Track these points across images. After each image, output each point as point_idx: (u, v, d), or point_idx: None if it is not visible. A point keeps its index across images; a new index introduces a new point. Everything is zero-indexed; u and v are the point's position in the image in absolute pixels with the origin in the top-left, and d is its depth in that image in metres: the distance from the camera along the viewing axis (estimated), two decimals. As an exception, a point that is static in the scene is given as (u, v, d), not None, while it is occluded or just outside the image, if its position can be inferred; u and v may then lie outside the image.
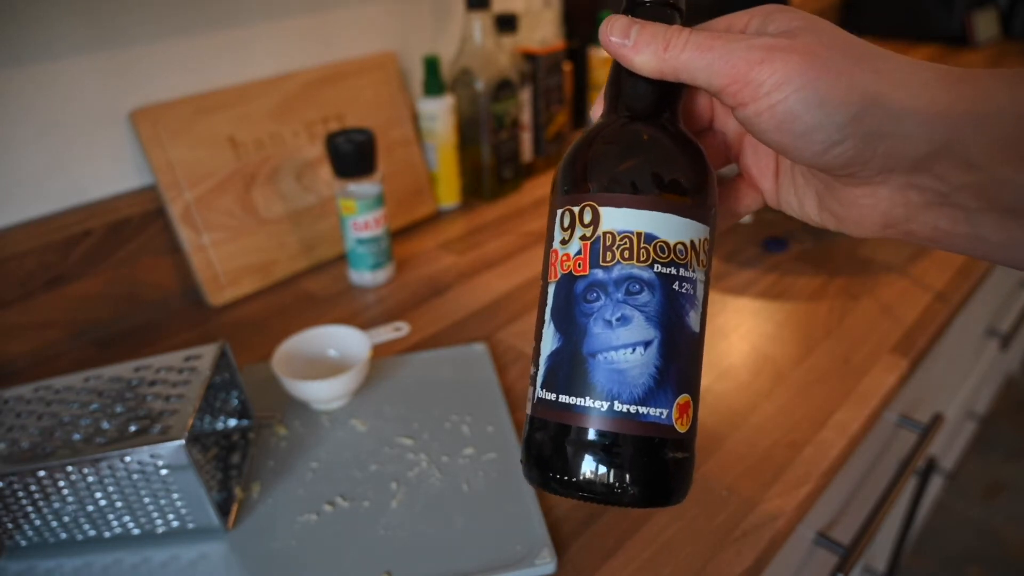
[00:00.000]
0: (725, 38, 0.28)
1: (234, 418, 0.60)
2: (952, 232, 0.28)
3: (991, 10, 1.72)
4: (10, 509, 0.48)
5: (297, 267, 0.84)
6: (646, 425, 0.28)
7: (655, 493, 0.29)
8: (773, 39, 0.27)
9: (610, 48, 0.30)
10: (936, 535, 1.63)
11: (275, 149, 0.82)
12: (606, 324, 0.29)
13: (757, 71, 0.27)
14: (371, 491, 0.53)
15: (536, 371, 0.31)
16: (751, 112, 0.28)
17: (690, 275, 0.30)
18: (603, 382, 0.28)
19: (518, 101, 0.97)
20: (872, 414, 0.60)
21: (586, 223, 0.30)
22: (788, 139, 0.28)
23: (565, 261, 0.30)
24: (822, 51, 0.27)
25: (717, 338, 0.70)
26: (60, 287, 0.70)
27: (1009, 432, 1.89)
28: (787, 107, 0.27)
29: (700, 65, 0.28)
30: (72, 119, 0.70)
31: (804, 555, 0.72)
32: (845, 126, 0.26)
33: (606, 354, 0.28)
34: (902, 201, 0.28)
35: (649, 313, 0.29)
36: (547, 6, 1.13)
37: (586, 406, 0.28)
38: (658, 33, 0.29)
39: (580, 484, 0.29)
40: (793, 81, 0.26)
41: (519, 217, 0.96)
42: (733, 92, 0.28)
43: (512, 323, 0.73)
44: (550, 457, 0.29)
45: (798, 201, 0.34)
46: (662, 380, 0.29)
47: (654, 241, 0.29)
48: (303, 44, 0.86)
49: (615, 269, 0.29)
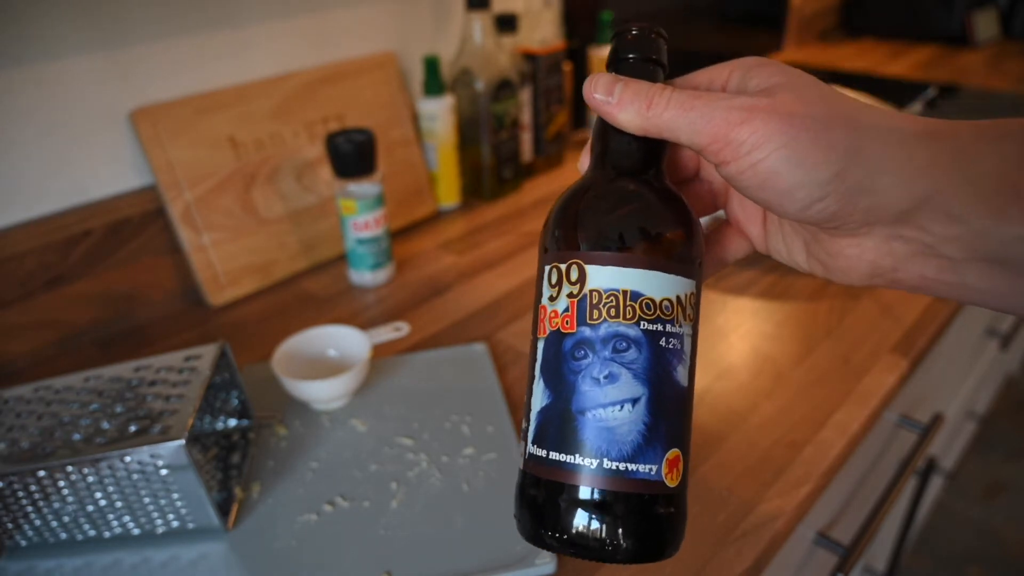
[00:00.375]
0: (706, 97, 0.28)
1: (234, 418, 0.60)
2: (939, 280, 0.28)
3: (991, 10, 1.72)
4: (10, 509, 0.48)
5: (297, 267, 0.84)
6: (636, 482, 0.29)
7: (647, 548, 0.29)
8: (753, 99, 0.28)
9: (594, 105, 0.31)
10: (936, 535, 1.63)
11: (275, 149, 0.82)
12: (594, 382, 0.29)
13: (737, 131, 0.27)
14: (371, 491, 0.53)
15: (527, 426, 0.31)
16: (733, 170, 0.28)
17: (677, 330, 0.30)
18: (592, 440, 0.29)
19: (518, 101, 0.97)
20: (872, 414, 0.60)
21: (573, 281, 0.30)
22: (771, 196, 0.28)
23: (553, 318, 0.30)
24: (800, 109, 0.27)
25: (717, 338, 0.70)
26: (60, 287, 0.70)
27: (1009, 432, 1.89)
28: (768, 166, 0.27)
29: (682, 124, 0.29)
30: (72, 119, 0.70)
31: (804, 555, 0.72)
32: (826, 184, 0.27)
33: (595, 411, 0.29)
34: (887, 251, 0.29)
35: (636, 370, 0.29)
36: (547, 6, 1.13)
37: (576, 463, 0.29)
38: (641, 91, 0.30)
39: (572, 541, 0.29)
40: (773, 141, 0.27)
41: (519, 217, 0.96)
42: (715, 151, 0.28)
43: (512, 323, 0.73)
44: (542, 513, 0.30)
45: (786, 249, 0.34)
46: (651, 436, 0.29)
47: (640, 299, 0.29)
48: (303, 44, 0.86)
49: (602, 327, 0.29)
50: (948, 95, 1.34)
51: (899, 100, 1.15)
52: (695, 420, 0.59)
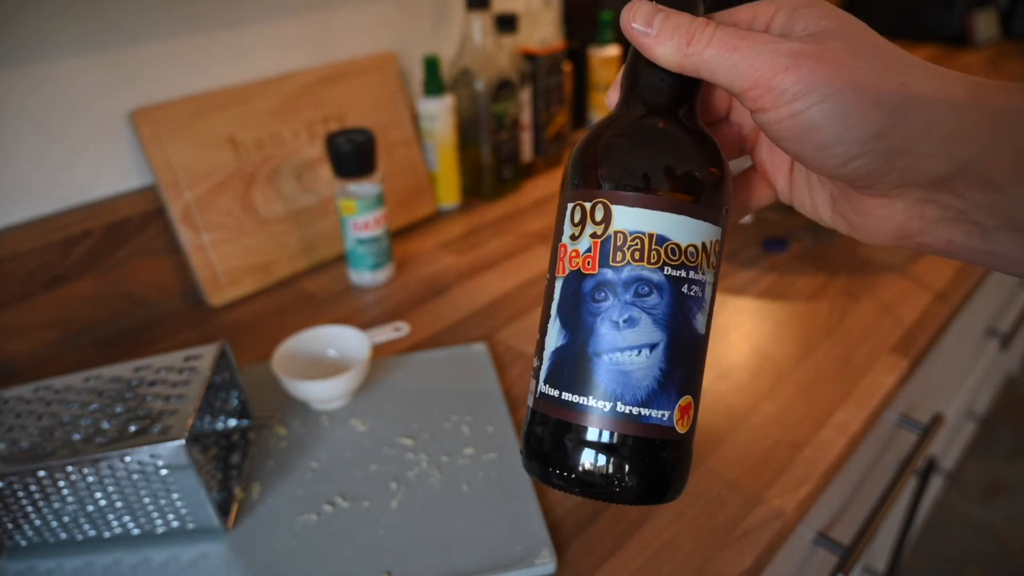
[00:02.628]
0: (751, 38, 0.27)
1: (234, 418, 0.60)
2: (966, 246, 0.27)
3: (991, 10, 1.72)
4: (10, 509, 0.48)
5: (297, 267, 0.84)
6: (647, 427, 0.28)
7: (652, 491, 0.29)
8: (801, 44, 0.26)
9: (631, 35, 0.29)
10: (936, 535, 1.63)
11: (275, 149, 0.82)
12: (613, 325, 0.28)
13: (781, 78, 0.26)
14: (371, 491, 0.53)
15: (540, 365, 0.31)
16: (771, 118, 0.27)
17: (700, 278, 0.29)
18: (607, 383, 0.28)
19: (518, 101, 0.97)
20: (872, 414, 0.60)
21: (597, 220, 0.29)
22: (807, 149, 0.27)
23: (574, 258, 0.30)
24: (849, 60, 0.26)
25: (717, 338, 0.70)
26: (60, 287, 0.70)
27: (1009, 432, 1.89)
28: (808, 117, 0.26)
29: (723, 65, 0.27)
30: (72, 119, 0.70)
31: (804, 555, 0.72)
32: (866, 141, 0.26)
33: (611, 355, 0.28)
34: (918, 215, 0.28)
35: (657, 316, 0.29)
36: (547, 6, 1.13)
37: (589, 405, 0.29)
38: (682, 25, 0.28)
39: (579, 480, 0.29)
40: (818, 91, 0.26)
41: (519, 217, 0.96)
42: (755, 96, 0.27)
43: (512, 323, 0.73)
44: (550, 451, 0.30)
45: (811, 202, 0.33)
46: (666, 383, 0.29)
47: (666, 243, 0.29)
48: (303, 44, 0.86)
49: (625, 270, 0.28)
50: (948, 95, 1.33)
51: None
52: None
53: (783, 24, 0.28)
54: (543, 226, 0.93)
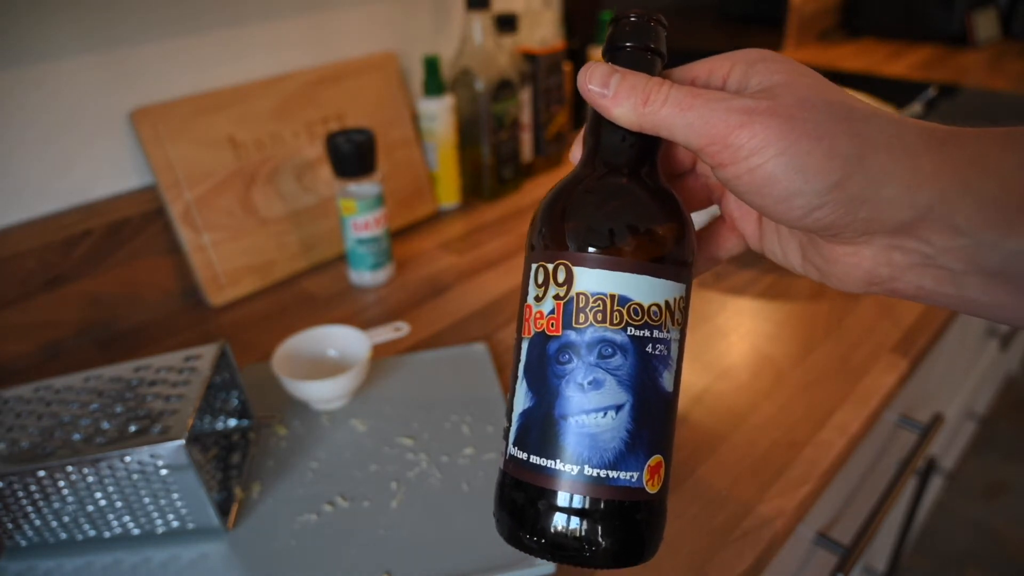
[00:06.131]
0: (705, 96, 0.27)
1: (234, 418, 0.60)
2: (937, 291, 0.28)
3: (991, 10, 1.72)
4: (10, 509, 0.48)
5: (297, 267, 0.84)
6: (616, 489, 0.28)
7: (626, 553, 0.29)
8: (753, 101, 0.27)
9: (588, 96, 0.30)
10: (936, 535, 1.63)
11: (275, 149, 0.82)
12: (578, 387, 0.28)
13: (736, 135, 0.26)
14: (371, 491, 0.53)
15: (509, 427, 0.31)
16: (730, 173, 0.27)
17: (664, 336, 0.29)
18: (574, 446, 0.28)
19: (518, 101, 0.97)
20: (872, 414, 0.60)
21: (560, 282, 0.29)
22: (768, 202, 0.27)
23: (539, 319, 0.29)
24: (802, 114, 0.26)
25: (717, 338, 0.70)
26: (60, 287, 0.70)
27: (1009, 432, 1.89)
28: (766, 172, 0.26)
29: (679, 123, 0.28)
30: (72, 119, 0.70)
31: (804, 555, 0.72)
32: (825, 192, 0.26)
33: (578, 417, 0.28)
34: (886, 261, 0.28)
35: (621, 377, 0.28)
36: (547, 6, 1.13)
37: (557, 469, 0.28)
38: (638, 85, 0.29)
39: (550, 544, 0.29)
40: (773, 146, 0.26)
41: (519, 217, 0.96)
42: (712, 153, 0.27)
43: (512, 323, 0.73)
44: (521, 515, 0.29)
45: (781, 251, 0.33)
46: (633, 444, 0.28)
47: (628, 303, 0.28)
48: (303, 44, 0.86)
49: (588, 332, 0.28)
50: (948, 95, 1.34)
51: (899, 100, 1.15)
52: (694, 420, 0.59)
53: (739, 79, 0.29)
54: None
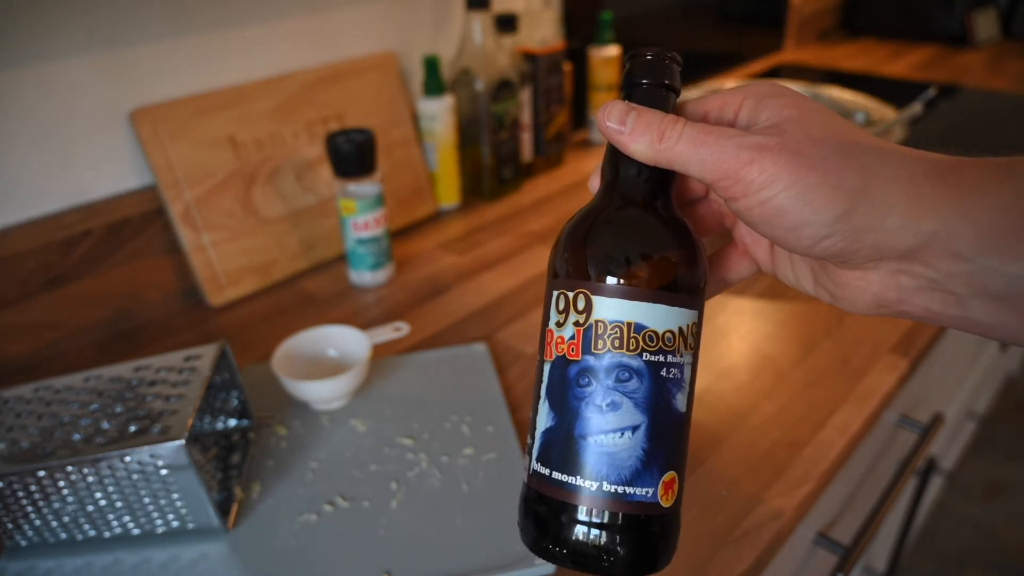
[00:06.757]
0: (716, 133, 0.29)
1: (234, 418, 0.60)
2: (944, 313, 0.29)
3: (991, 10, 1.72)
4: (10, 509, 0.48)
5: (297, 267, 0.84)
6: (633, 504, 0.30)
7: (642, 563, 0.31)
8: (764, 137, 0.28)
9: (607, 133, 0.31)
10: (936, 535, 1.63)
11: (275, 149, 0.82)
12: (597, 409, 0.30)
13: (747, 170, 0.28)
14: (371, 491, 0.53)
15: (532, 443, 0.33)
16: (742, 206, 0.29)
17: (678, 360, 0.31)
18: (593, 463, 0.30)
19: (518, 101, 0.97)
20: (872, 414, 0.60)
21: (579, 310, 0.31)
22: (779, 232, 0.29)
23: (560, 344, 0.31)
24: (809, 148, 0.28)
25: (717, 338, 0.70)
26: (60, 287, 0.70)
27: (1009, 432, 1.89)
28: (776, 204, 0.28)
29: (693, 159, 0.29)
30: (72, 119, 0.70)
31: (804, 555, 0.72)
32: (832, 223, 0.27)
33: (596, 437, 0.30)
34: (893, 285, 0.29)
35: (637, 399, 0.30)
36: (547, 6, 1.13)
37: (577, 484, 0.30)
38: (653, 122, 0.30)
39: (572, 554, 0.31)
40: (782, 180, 0.27)
41: (519, 217, 0.96)
42: (725, 187, 0.29)
43: (512, 323, 0.73)
44: (545, 526, 0.31)
45: (793, 275, 0.35)
46: (649, 462, 0.30)
47: (643, 331, 0.30)
48: (303, 44, 0.86)
49: (606, 357, 0.30)
50: (948, 95, 1.34)
51: (899, 100, 1.15)
52: (694, 420, 0.59)
53: (750, 114, 0.31)
54: (543, 226, 0.93)
